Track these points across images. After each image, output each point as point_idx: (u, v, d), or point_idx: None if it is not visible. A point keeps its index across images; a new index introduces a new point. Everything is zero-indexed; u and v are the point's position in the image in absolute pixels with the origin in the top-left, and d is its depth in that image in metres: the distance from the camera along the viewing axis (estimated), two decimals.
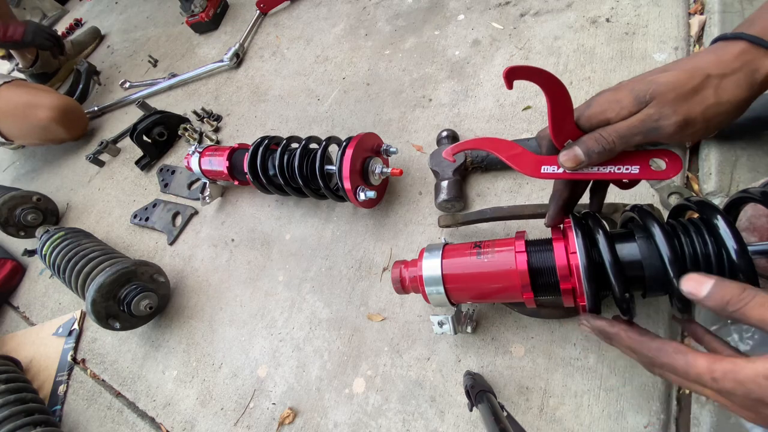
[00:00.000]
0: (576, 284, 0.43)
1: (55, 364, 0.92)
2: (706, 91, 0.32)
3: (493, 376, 0.55)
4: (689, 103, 0.32)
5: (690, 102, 0.32)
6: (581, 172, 0.38)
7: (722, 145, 0.55)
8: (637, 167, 0.37)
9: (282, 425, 0.64)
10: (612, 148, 0.35)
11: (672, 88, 0.32)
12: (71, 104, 1.28)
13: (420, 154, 0.77)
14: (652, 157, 0.36)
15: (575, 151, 0.36)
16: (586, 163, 0.36)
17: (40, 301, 1.08)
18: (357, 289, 0.70)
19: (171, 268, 0.91)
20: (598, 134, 0.35)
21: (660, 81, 0.33)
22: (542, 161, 0.39)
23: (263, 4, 1.23)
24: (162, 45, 1.48)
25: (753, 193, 0.38)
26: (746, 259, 0.35)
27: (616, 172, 0.37)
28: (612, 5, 0.74)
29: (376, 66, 0.94)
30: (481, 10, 0.88)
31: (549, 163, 0.39)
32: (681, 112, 0.32)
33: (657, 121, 0.33)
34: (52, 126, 1.22)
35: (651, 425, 0.46)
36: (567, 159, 0.37)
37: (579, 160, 0.36)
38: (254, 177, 0.77)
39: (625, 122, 0.34)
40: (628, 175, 0.37)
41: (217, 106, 1.14)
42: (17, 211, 1.12)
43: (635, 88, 0.34)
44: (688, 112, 0.32)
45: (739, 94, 0.32)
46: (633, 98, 0.34)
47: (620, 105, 0.34)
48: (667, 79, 0.33)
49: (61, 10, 2.23)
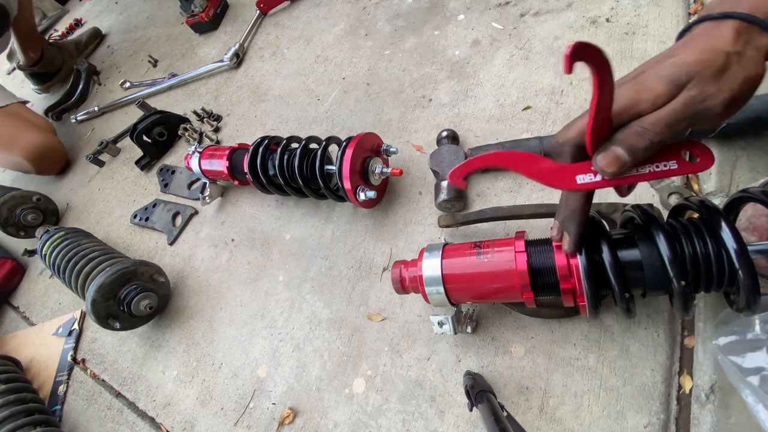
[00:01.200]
0: (576, 284, 0.43)
1: (55, 364, 0.92)
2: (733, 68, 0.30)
3: (493, 376, 0.55)
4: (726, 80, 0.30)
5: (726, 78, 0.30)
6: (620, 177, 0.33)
7: (722, 145, 0.55)
8: (674, 162, 0.33)
9: (282, 425, 0.64)
10: (660, 140, 0.31)
11: (707, 65, 0.30)
12: (49, 146, 1.29)
13: (420, 154, 0.77)
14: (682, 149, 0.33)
15: (616, 152, 0.31)
16: (631, 164, 0.32)
17: (40, 301, 1.08)
18: (357, 289, 0.70)
19: (171, 268, 0.91)
20: (640, 127, 0.31)
21: (690, 61, 0.30)
22: (574, 170, 0.34)
23: (263, 4, 1.23)
24: (162, 45, 1.48)
25: (753, 192, 0.38)
26: (746, 258, 0.35)
27: (656, 170, 0.33)
28: (612, 5, 0.74)
29: (376, 66, 0.94)
30: (481, 10, 0.88)
31: (583, 171, 0.34)
32: (726, 89, 0.30)
33: (703, 102, 0.30)
34: (24, 164, 1.24)
35: (651, 425, 0.46)
36: (608, 162, 0.32)
37: (623, 161, 0.31)
38: (254, 177, 0.77)
39: (667, 109, 0.31)
40: (667, 172, 0.33)
41: (217, 106, 1.14)
42: (17, 211, 1.12)
43: (663, 72, 0.31)
44: (730, 88, 0.30)
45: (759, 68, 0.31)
46: (666, 83, 0.31)
47: (653, 93, 0.31)
48: (697, 58, 0.30)
49: (61, 10, 2.23)
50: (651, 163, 0.33)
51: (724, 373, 0.43)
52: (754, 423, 0.39)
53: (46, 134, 1.30)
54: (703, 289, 0.40)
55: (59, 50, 1.63)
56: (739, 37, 0.31)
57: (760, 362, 0.40)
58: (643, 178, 0.33)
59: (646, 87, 0.32)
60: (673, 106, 0.31)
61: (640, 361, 0.49)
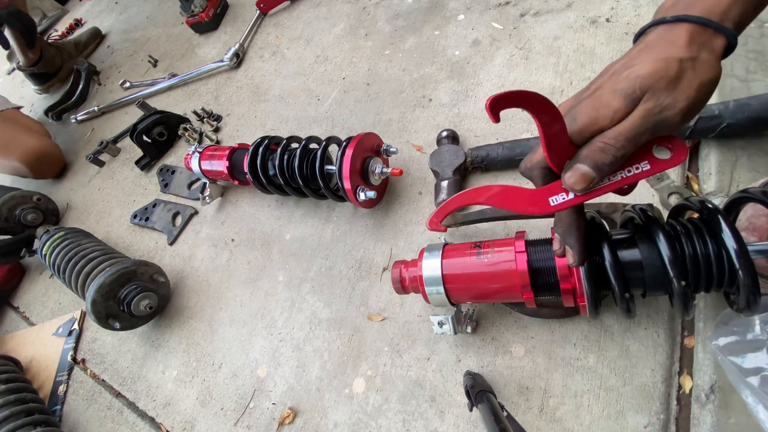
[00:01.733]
0: (576, 284, 0.43)
1: (55, 364, 0.92)
2: (688, 75, 0.30)
3: (493, 376, 0.55)
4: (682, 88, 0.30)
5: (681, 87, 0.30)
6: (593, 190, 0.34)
7: (722, 145, 0.55)
8: (646, 163, 0.33)
9: (282, 425, 0.64)
10: (623, 154, 0.32)
11: (660, 77, 0.30)
12: (46, 150, 1.29)
13: (420, 154, 0.77)
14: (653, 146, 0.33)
15: (582, 170, 0.32)
16: (598, 179, 0.33)
17: (40, 301, 1.08)
18: (357, 289, 0.70)
19: (171, 268, 0.91)
20: (601, 143, 0.32)
21: (643, 74, 0.31)
22: (545, 193, 0.35)
23: (263, 4, 1.23)
24: (162, 45, 1.48)
25: (753, 193, 0.38)
26: (746, 259, 0.35)
27: (628, 175, 0.33)
28: (612, 5, 0.74)
29: (376, 66, 0.94)
30: (481, 10, 0.88)
31: (554, 193, 0.35)
32: (682, 98, 0.30)
33: (661, 113, 0.31)
34: (21, 168, 1.25)
35: (651, 425, 0.46)
36: (576, 180, 0.33)
37: (590, 177, 0.32)
38: (254, 177, 0.77)
39: (626, 123, 0.32)
40: (641, 174, 0.33)
41: (217, 106, 1.14)
42: (17, 211, 1.12)
43: (618, 87, 0.32)
44: (686, 97, 0.30)
45: (713, 72, 0.31)
46: (622, 98, 0.32)
47: (611, 109, 0.32)
48: (649, 70, 0.31)
49: (61, 10, 2.23)
50: (621, 169, 0.34)
51: (724, 373, 0.43)
52: (754, 423, 0.39)
53: (42, 138, 1.31)
54: (703, 290, 0.40)
55: (58, 50, 1.63)
56: (693, 41, 0.31)
57: (760, 363, 0.40)
58: (615, 185, 0.34)
59: (603, 103, 0.32)
60: (632, 121, 0.31)
61: (640, 361, 0.49)
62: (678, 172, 0.57)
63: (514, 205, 0.35)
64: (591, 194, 0.34)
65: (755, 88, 0.57)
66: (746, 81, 0.58)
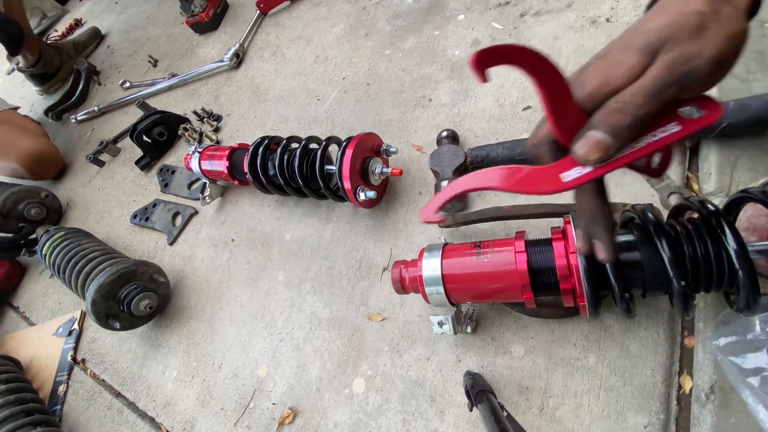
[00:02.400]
0: (576, 284, 0.43)
1: (55, 364, 0.92)
2: (712, 26, 0.26)
3: (493, 376, 0.55)
4: (708, 37, 0.26)
5: (707, 36, 0.26)
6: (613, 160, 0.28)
7: (722, 145, 0.55)
8: (675, 124, 0.28)
9: (282, 425, 0.64)
10: (646, 113, 0.27)
11: (680, 26, 0.26)
12: (44, 151, 1.28)
13: (420, 154, 0.77)
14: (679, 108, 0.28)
15: (595, 137, 0.28)
16: (617, 146, 0.28)
17: (40, 301, 1.08)
18: (357, 289, 0.70)
19: (171, 268, 0.91)
20: (617, 103, 0.27)
21: (659, 25, 0.27)
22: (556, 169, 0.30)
23: (263, 4, 1.23)
24: (162, 45, 1.48)
25: (753, 192, 0.38)
26: (746, 259, 0.35)
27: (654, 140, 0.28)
28: (612, 5, 0.74)
29: (376, 66, 0.94)
30: (481, 10, 0.88)
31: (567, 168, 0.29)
32: (710, 46, 0.26)
33: (687, 63, 0.26)
34: (19, 170, 1.24)
35: (651, 425, 0.46)
36: (589, 150, 0.28)
37: (605, 145, 0.27)
38: (254, 177, 0.77)
39: (646, 77, 0.27)
40: (670, 137, 0.28)
41: (217, 106, 1.14)
42: (21, 205, 1.11)
43: (631, 43, 0.28)
44: (715, 44, 0.26)
45: (740, 25, 0.27)
46: (638, 52, 0.27)
47: (625, 65, 0.28)
48: (667, 22, 0.27)
49: (61, 10, 2.23)
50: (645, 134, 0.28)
51: (724, 373, 0.43)
52: (754, 423, 0.39)
53: (40, 139, 1.30)
54: (703, 290, 0.40)
55: (57, 51, 1.63)
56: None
57: (760, 363, 0.40)
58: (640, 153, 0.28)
59: (615, 61, 0.28)
60: (654, 73, 0.27)
61: (640, 361, 0.49)
62: (678, 172, 0.57)
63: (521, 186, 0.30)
64: (610, 165, 0.28)
65: (755, 88, 0.57)
66: (746, 81, 0.58)
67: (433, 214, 0.31)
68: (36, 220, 1.14)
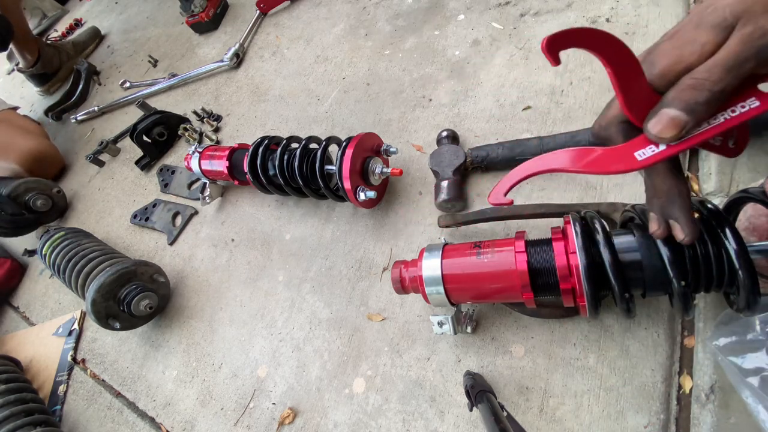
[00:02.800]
0: (576, 284, 0.43)
1: (55, 364, 0.92)
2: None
3: (493, 376, 0.55)
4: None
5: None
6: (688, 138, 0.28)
7: None
8: (754, 99, 0.27)
9: (282, 425, 0.64)
10: (722, 88, 0.26)
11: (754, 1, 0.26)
12: (43, 151, 1.28)
13: (420, 154, 0.77)
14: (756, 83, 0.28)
15: (669, 114, 0.27)
16: (693, 123, 0.27)
17: (40, 301, 1.08)
18: (357, 289, 0.70)
19: (171, 268, 0.91)
20: (692, 79, 0.27)
21: (733, 1, 0.27)
22: (630, 148, 0.29)
23: (263, 4, 1.23)
24: (162, 45, 1.48)
25: (753, 193, 0.38)
26: (746, 259, 0.35)
27: (733, 116, 0.27)
28: (612, 5, 0.74)
29: (376, 66, 0.94)
30: (481, 10, 0.88)
31: (641, 146, 0.29)
32: None
33: (765, 37, 0.26)
34: (18, 170, 1.23)
35: (651, 425, 0.46)
36: (663, 128, 0.27)
37: (681, 122, 0.27)
38: (254, 177, 0.77)
39: (722, 53, 0.27)
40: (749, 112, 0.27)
41: (217, 106, 1.14)
42: (29, 195, 1.12)
43: (703, 20, 0.27)
44: None
45: None
46: (710, 29, 0.27)
47: (698, 43, 0.27)
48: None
49: (61, 10, 2.23)
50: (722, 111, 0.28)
51: (724, 373, 0.43)
52: (754, 423, 0.39)
53: (39, 139, 1.30)
54: (703, 290, 0.40)
55: (56, 51, 1.63)
56: None
57: (760, 363, 0.40)
58: (717, 130, 0.28)
59: (687, 39, 0.28)
60: (730, 48, 0.27)
61: (640, 361, 0.49)
62: None
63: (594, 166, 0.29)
64: (686, 142, 0.28)
65: None
66: None
67: (502, 196, 0.32)
68: (39, 212, 1.14)
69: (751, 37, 0.26)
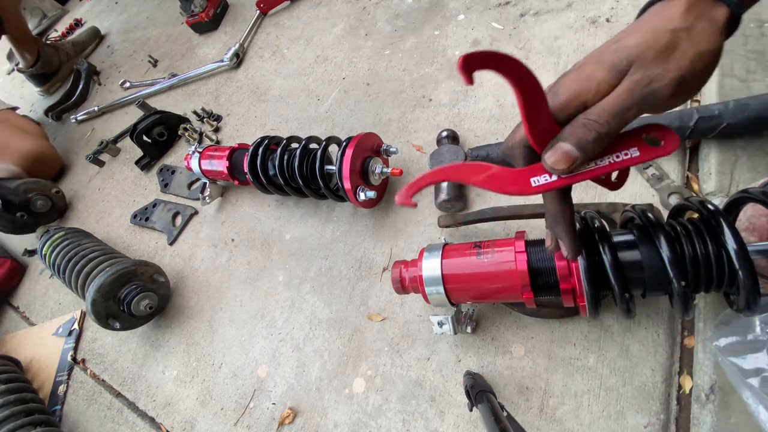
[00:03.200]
0: (576, 284, 0.43)
1: (55, 364, 0.92)
2: (682, 45, 0.28)
3: (493, 376, 0.55)
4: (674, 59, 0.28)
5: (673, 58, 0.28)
6: (578, 172, 0.31)
7: (722, 145, 0.55)
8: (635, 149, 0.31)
9: (282, 425, 0.64)
10: (608, 131, 0.29)
11: (648, 47, 0.28)
12: (42, 152, 1.27)
13: (420, 154, 0.77)
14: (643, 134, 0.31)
15: (563, 148, 0.29)
16: (582, 159, 0.30)
17: (40, 301, 1.08)
18: (357, 289, 0.70)
19: (171, 268, 0.91)
20: (585, 119, 0.29)
21: (630, 44, 0.29)
22: (528, 173, 0.32)
23: (263, 4, 1.23)
24: (162, 45, 1.48)
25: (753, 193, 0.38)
26: (746, 259, 0.35)
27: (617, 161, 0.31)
28: (612, 5, 0.74)
29: (376, 66, 0.94)
30: (481, 10, 0.88)
31: (537, 173, 0.32)
32: (672, 69, 0.28)
33: (649, 85, 0.28)
34: (17, 171, 1.22)
35: (651, 425, 0.46)
36: (556, 160, 0.29)
37: (572, 157, 0.29)
38: (254, 177, 0.77)
39: (611, 97, 0.29)
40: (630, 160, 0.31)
41: (217, 106, 1.14)
42: (30, 194, 1.12)
43: (603, 59, 0.30)
44: (678, 67, 0.28)
45: (712, 42, 0.29)
46: (607, 69, 0.29)
47: (595, 80, 0.29)
48: (638, 41, 0.29)
49: (61, 10, 2.23)
50: (610, 154, 0.31)
51: (725, 373, 0.43)
52: (754, 423, 0.39)
53: (38, 140, 1.29)
54: (703, 290, 0.40)
55: (56, 51, 1.63)
56: (690, 11, 0.29)
57: (760, 363, 0.40)
58: (602, 170, 0.31)
59: (587, 75, 0.30)
60: (617, 94, 0.29)
61: (640, 361, 0.49)
62: (678, 172, 0.57)
63: (491, 182, 0.32)
64: (575, 177, 0.31)
65: (755, 88, 0.57)
66: (746, 81, 0.58)
67: (408, 198, 0.32)
68: (39, 212, 1.14)
69: (638, 85, 0.28)
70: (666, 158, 0.58)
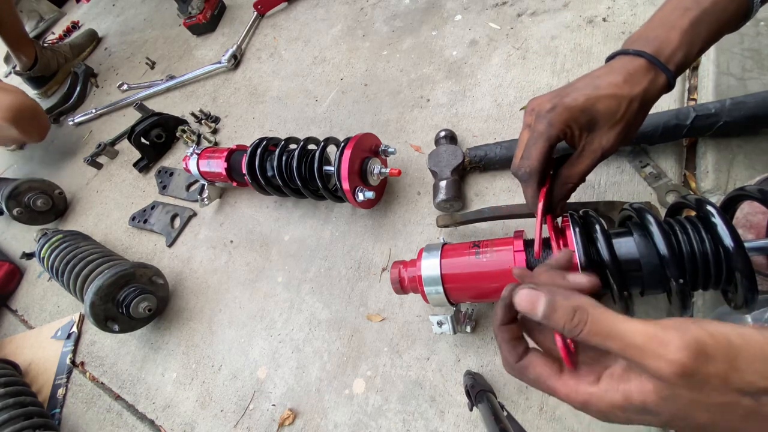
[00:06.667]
0: None
1: (53, 367, 0.92)
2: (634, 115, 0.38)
3: (493, 375, 0.55)
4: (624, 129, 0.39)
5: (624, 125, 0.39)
6: None
7: (719, 143, 0.56)
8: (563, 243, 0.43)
9: (282, 426, 0.64)
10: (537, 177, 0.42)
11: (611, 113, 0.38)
12: (28, 106, 1.23)
13: (418, 154, 0.78)
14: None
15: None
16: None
17: (38, 304, 1.08)
18: (356, 290, 0.70)
19: (170, 270, 0.91)
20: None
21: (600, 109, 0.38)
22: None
23: (261, 6, 1.23)
24: (159, 47, 1.48)
25: (750, 190, 0.38)
26: (743, 256, 0.35)
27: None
28: (608, 5, 0.74)
29: (374, 67, 0.94)
30: (478, 11, 0.89)
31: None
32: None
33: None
34: (4, 126, 1.17)
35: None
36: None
37: None
38: (252, 178, 0.77)
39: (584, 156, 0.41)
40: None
41: (215, 107, 1.14)
42: (29, 195, 1.12)
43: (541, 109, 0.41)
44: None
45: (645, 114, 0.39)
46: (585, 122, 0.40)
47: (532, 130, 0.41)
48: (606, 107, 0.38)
49: (57, 13, 2.22)
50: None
51: None
52: None
53: (20, 94, 1.23)
54: (701, 287, 0.40)
55: (53, 53, 1.62)
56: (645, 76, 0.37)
57: None
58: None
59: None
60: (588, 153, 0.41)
61: None
62: (675, 171, 0.57)
63: None
64: None
65: (751, 87, 0.57)
66: (743, 79, 0.58)
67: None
68: (40, 211, 1.13)
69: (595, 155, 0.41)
70: (664, 157, 0.58)
